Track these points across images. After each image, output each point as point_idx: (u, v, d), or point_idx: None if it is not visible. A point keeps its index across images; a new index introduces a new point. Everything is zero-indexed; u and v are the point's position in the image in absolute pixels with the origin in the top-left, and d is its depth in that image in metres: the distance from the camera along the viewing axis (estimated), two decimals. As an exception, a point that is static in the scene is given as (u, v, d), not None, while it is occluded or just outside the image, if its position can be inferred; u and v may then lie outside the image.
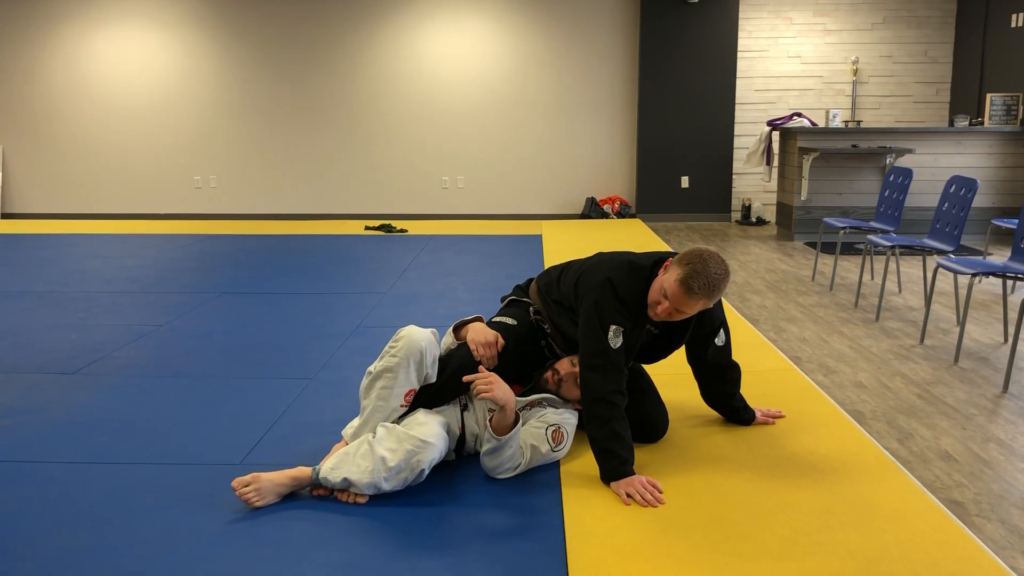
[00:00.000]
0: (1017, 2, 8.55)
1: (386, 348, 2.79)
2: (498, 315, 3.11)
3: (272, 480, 2.55)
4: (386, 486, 2.56)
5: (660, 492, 2.59)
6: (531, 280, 3.20)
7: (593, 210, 10.03)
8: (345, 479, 2.56)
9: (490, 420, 2.70)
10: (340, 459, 2.60)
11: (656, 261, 2.82)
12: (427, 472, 2.61)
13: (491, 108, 10.12)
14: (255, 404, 3.50)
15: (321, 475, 2.59)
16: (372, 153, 10.24)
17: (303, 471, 2.60)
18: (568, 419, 2.89)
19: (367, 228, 9.04)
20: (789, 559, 2.22)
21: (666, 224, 9.82)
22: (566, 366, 2.95)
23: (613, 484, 2.63)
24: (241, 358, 4.19)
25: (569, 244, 7.76)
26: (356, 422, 2.82)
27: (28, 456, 2.98)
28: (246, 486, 2.52)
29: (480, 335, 2.80)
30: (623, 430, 2.68)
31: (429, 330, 2.82)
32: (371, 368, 2.82)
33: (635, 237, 8.33)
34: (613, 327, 2.72)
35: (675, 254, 2.89)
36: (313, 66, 10.07)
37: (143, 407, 3.48)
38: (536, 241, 8.09)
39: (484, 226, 9.30)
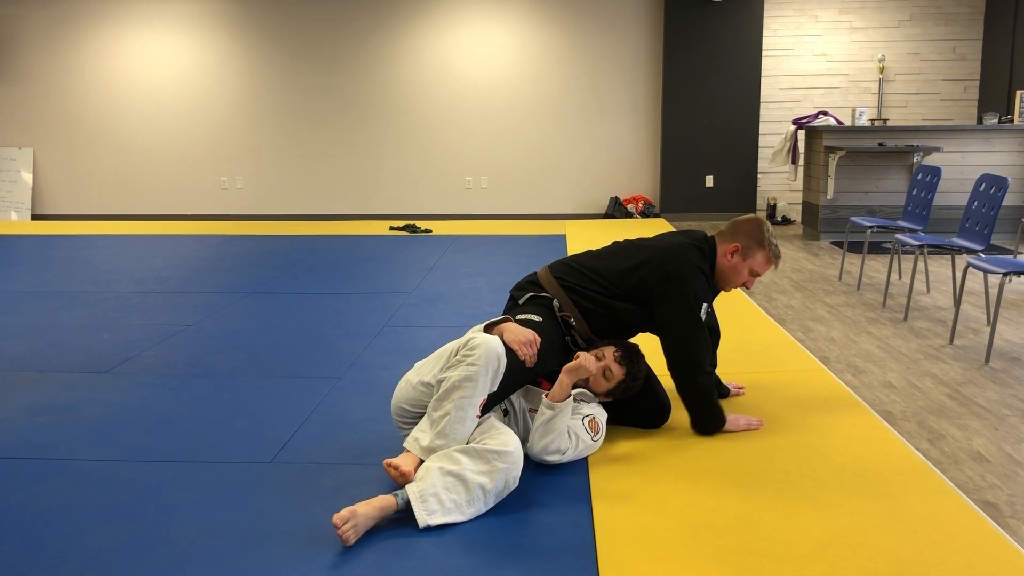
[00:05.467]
0: (1047, -2, 8.44)
1: (458, 357, 2.68)
2: (521, 313, 3.10)
3: (366, 515, 2.40)
4: (485, 509, 2.53)
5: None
6: (535, 274, 3.24)
7: (617, 210, 10.01)
8: (451, 522, 2.46)
9: (546, 394, 2.79)
10: (430, 502, 2.46)
11: (709, 246, 3.20)
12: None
13: (515, 108, 10.13)
14: (285, 403, 3.54)
15: (423, 525, 2.43)
16: (396, 154, 10.28)
17: (387, 500, 2.46)
18: (600, 412, 2.95)
19: (391, 228, 9.08)
20: (821, 561, 2.21)
21: (690, 223, 9.77)
22: (592, 361, 2.96)
23: (727, 427, 3.11)
24: (270, 357, 4.23)
25: (594, 243, 7.70)
26: (425, 436, 2.65)
27: (63, 454, 3.02)
28: (346, 522, 2.34)
29: (520, 335, 2.80)
30: None
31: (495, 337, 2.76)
32: (429, 378, 2.75)
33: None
34: (704, 305, 3.11)
35: (696, 235, 3.25)
36: (338, 68, 10.12)
37: (175, 405, 3.52)
38: (560, 241, 8.08)
39: (508, 226, 9.31)
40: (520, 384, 2.91)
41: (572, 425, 2.86)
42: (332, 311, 5.22)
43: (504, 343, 2.78)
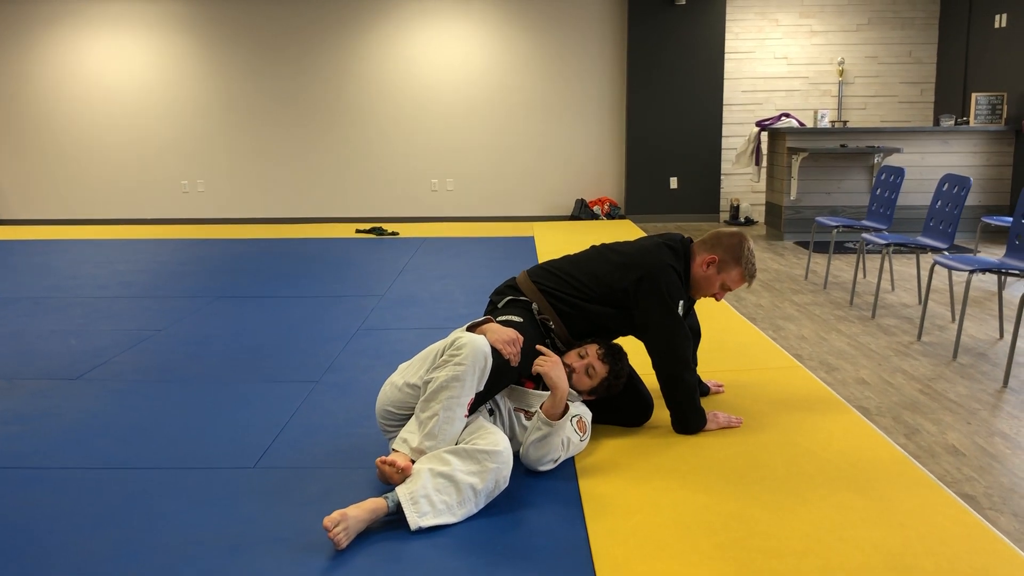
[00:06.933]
0: (1000, 3, 8.66)
1: (444, 357, 2.67)
2: (502, 315, 3.12)
3: (357, 517, 2.37)
4: (476, 510, 2.52)
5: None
6: (514, 279, 3.27)
7: (583, 211, 10.05)
8: (443, 524, 2.45)
9: (542, 407, 2.79)
10: (421, 504, 2.44)
11: (683, 246, 3.24)
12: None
13: (480, 110, 10.12)
14: (263, 407, 3.49)
15: (414, 527, 2.41)
16: (361, 156, 10.21)
17: (378, 502, 2.44)
18: (586, 412, 2.98)
19: (358, 231, 9.01)
20: (814, 555, 2.24)
21: (655, 225, 9.86)
22: (574, 358, 3.05)
23: (707, 426, 3.14)
24: (244, 362, 4.17)
25: (562, 245, 7.77)
26: (413, 438, 2.65)
27: (40, 462, 2.95)
28: (336, 525, 2.32)
29: (503, 334, 2.80)
30: None
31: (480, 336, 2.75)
32: (415, 379, 2.74)
33: (626, 238, 8.34)
34: (681, 302, 3.12)
35: (673, 236, 3.26)
36: (301, 70, 10.04)
37: (151, 412, 3.46)
38: (528, 242, 8.10)
39: (475, 228, 9.30)
40: (505, 384, 2.91)
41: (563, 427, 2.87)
42: (304, 315, 5.16)
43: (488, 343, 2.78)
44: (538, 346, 2.89)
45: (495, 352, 2.76)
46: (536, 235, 8.55)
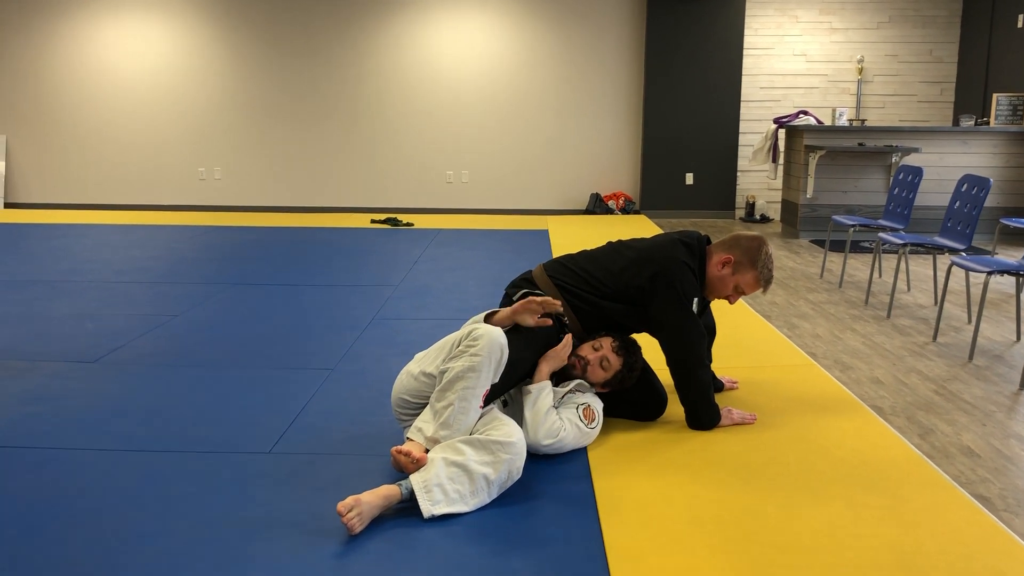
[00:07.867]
0: None
1: (461, 347, 2.69)
2: None
3: (371, 503, 2.38)
4: (489, 500, 2.53)
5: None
6: (530, 272, 3.28)
7: (598, 206, 10.04)
8: (455, 512, 2.46)
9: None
10: (434, 492, 2.46)
11: (699, 244, 3.21)
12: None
13: (496, 103, 10.12)
14: (279, 394, 3.51)
15: (427, 515, 2.42)
16: (377, 147, 10.23)
17: (391, 489, 2.45)
18: (596, 401, 3.01)
19: (373, 221, 9.03)
20: (826, 551, 2.24)
21: (670, 220, 9.83)
22: (588, 350, 3.07)
23: (721, 422, 3.13)
24: (260, 348, 4.19)
25: (577, 239, 7.77)
26: (428, 427, 2.66)
27: (57, 443, 2.98)
28: (350, 510, 2.33)
29: (529, 303, 2.87)
30: None
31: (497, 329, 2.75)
32: (432, 368, 2.76)
33: (640, 233, 8.34)
34: (696, 299, 3.10)
35: (690, 234, 3.24)
36: (319, 59, 10.05)
37: (167, 396, 3.48)
38: (543, 236, 8.10)
39: (489, 220, 9.31)
40: (521, 378, 2.93)
41: (566, 413, 2.90)
42: (319, 303, 5.18)
43: (505, 337, 2.80)
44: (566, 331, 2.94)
45: (511, 344, 2.77)
46: (550, 229, 8.55)
